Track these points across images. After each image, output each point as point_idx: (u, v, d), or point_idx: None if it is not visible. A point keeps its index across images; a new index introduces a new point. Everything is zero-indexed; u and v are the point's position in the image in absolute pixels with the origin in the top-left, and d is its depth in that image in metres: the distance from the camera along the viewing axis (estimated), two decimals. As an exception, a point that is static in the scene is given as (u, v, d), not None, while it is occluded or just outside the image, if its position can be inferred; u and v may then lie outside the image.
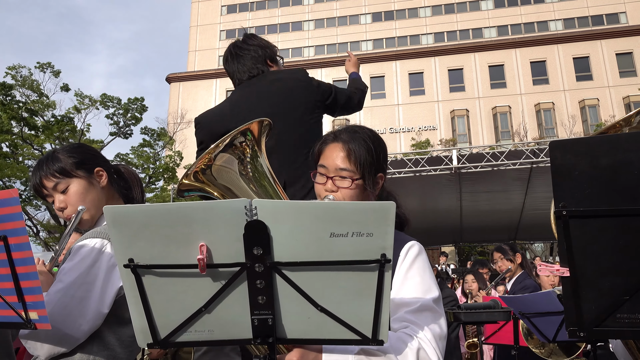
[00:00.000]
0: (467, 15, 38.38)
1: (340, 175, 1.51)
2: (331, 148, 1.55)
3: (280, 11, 40.90)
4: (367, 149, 1.53)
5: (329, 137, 1.59)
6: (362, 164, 1.51)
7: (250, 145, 1.37)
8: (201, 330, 1.05)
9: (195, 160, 1.33)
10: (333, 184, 1.51)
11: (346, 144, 1.53)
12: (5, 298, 1.35)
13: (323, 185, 1.52)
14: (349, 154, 1.51)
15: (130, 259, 0.99)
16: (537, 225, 17.29)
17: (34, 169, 1.83)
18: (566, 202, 1.01)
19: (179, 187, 1.35)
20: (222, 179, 1.33)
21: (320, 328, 1.03)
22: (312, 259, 0.98)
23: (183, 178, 1.32)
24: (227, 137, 1.32)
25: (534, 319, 2.62)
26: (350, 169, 1.50)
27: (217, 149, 1.31)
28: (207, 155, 1.30)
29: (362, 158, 1.51)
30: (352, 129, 1.58)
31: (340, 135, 1.56)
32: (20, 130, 20.51)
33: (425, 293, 1.34)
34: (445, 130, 33.62)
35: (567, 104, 32.78)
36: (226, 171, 1.33)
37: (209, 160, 1.31)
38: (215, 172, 1.32)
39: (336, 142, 1.55)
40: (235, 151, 1.34)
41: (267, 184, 1.40)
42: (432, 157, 14.42)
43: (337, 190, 1.51)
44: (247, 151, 1.37)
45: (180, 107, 34.64)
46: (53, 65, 21.39)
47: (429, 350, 1.22)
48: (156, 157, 23.67)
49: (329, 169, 1.52)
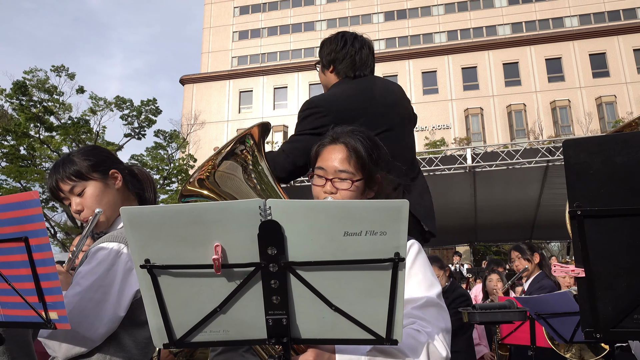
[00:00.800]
0: (481, 13, 38.05)
1: (339, 177, 1.52)
2: (329, 150, 1.56)
3: (293, 12, 40.95)
4: (365, 150, 1.53)
5: (326, 139, 1.60)
6: (361, 166, 1.52)
7: (251, 151, 1.38)
8: (216, 330, 1.06)
9: (199, 167, 1.34)
10: (332, 186, 1.52)
11: (345, 145, 1.54)
12: (26, 298, 1.37)
13: (322, 187, 1.53)
14: (349, 156, 1.52)
15: (147, 259, 1.00)
16: (553, 225, 17.07)
17: (50, 172, 1.85)
18: (581, 202, 1.01)
19: (181, 192, 1.36)
20: (226, 185, 1.35)
21: (334, 328, 1.03)
22: (326, 258, 0.98)
23: (186, 184, 1.33)
24: (231, 143, 1.33)
25: (550, 319, 2.60)
26: (349, 171, 1.51)
27: (219, 156, 1.32)
28: (210, 162, 1.31)
29: (361, 159, 1.52)
30: (350, 131, 1.59)
31: (339, 137, 1.57)
32: (38, 132, 20.83)
33: (429, 289, 1.37)
34: (459, 129, 33.37)
35: (584, 101, 32.32)
36: (230, 177, 1.35)
37: (212, 167, 1.32)
38: (219, 178, 1.33)
39: (334, 144, 1.56)
40: (238, 159, 1.35)
41: (269, 188, 1.42)
42: (446, 156, 14.33)
43: (336, 192, 1.52)
44: (248, 157, 1.38)
45: (194, 108, 34.90)
46: (67, 68, 21.69)
47: (438, 345, 1.24)
48: (170, 158, 23.87)
49: (328, 171, 1.53)
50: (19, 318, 1.43)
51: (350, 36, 2.60)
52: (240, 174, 1.36)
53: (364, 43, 2.59)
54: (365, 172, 1.52)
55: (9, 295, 1.41)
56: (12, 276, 1.38)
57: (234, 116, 36.37)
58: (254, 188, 1.38)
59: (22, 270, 1.36)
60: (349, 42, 2.56)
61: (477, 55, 34.81)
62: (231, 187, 1.36)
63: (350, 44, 2.56)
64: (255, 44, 39.85)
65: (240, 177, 1.36)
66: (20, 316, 1.42)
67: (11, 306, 1.43)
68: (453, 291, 4.67)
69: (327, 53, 2.60)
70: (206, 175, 1.33)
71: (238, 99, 36.72)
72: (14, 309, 1.43)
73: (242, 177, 1.36)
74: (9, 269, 1.38)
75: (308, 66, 34.84)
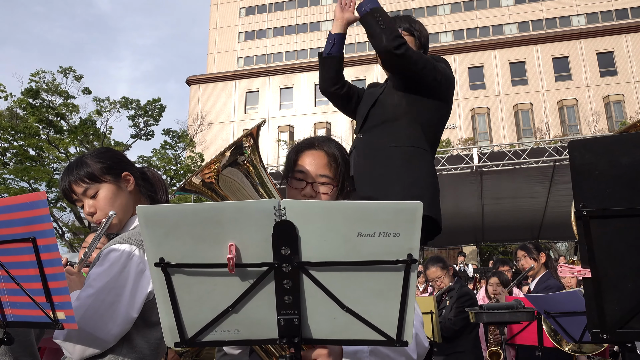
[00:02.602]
0: (487, 12, 37.87)
1: (319, 181, 1.59)
2: (310, 155, 1.63)
3: (299, 12, 40.94)
4: (342, 158, 1.64)
5: (303, 145, 1.68)
6: (340, 172, 1.62)
7: (252, 150, 1.41)
8: (228, 329, 1.06)
9: (205, 163, 1.36)
10: (312, 189, 1.59)
11: (326, 152, 1.63)
12: (34, 298, 1.38)
13: (301, 190, 1.59)
14: (329, 162, 1.61)
15: (161, 257, 1.01)
16: (560, 224, 16.98)
17: (62, 174, 1.86)
18: (587, 202, 1.01)
19: (185, 184, 1.38)
20: (227, 188, 1.37)
21: (345, 329, 1.04)
22: (339, 259, 0.99)
23: (192, 177, 1.35)
24: (233, 144, 1.35)
25: (559, 318, 2.59)
26: (329, 176, 1.60)
27: (223, 158, 1.34)
28: (214, 164, 1.33)
29: (340, 166, 1.62)
30: (327, 139, 1.69)
31: (317, 144, 1.66)
32: (47, 133, 20.97)
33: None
34: (465, 128, 33.24)
35: (591, 100, 32.09)
36: (232, 181, 1.37)
37: (217, 170, 1.34)
38: (222, 180, 1.36)
39: (315, 150, 1.64)
40: (244, 164, 1.37)
41: (270, 189, 1.44)
42: (453, 155, 14.29)
43: (315, 195, 1.59)
44: (255, 157, 1.40)
45: (200, 109, 34.97)
46: (75, 69, 21.83)
47: (422, 335, 1.35)
48: (177, 159, 23.96)
49: (308, 175, 1.60)
50: (28, 318, 1.44)
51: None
52: (243, 177, 1.39)
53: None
54: (340, 179, 1.62)
55: (17, 296, 1.42)
56: (21, 276, 1.39)
57: (240, 116, 36.42)
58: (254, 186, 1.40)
59: (30, 271, 1.37)
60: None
61: (484, 54, 34.66)
62: (235, 187, 1.38)
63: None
64: (261, 44, 39.87)
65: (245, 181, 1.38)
66: (29, 316, 1.43)
67: (20, 306, 1.44)
68: (458, 290, 4.66)
69: (424, 37, 2.74)
70: (211, 175, 1.35)
71: (244, 100, 36.76)
72: (22, 309, 1.44)
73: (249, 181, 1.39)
74: (17, 269, 1.39)
75: (314, 66, 34.77)
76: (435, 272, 4.80)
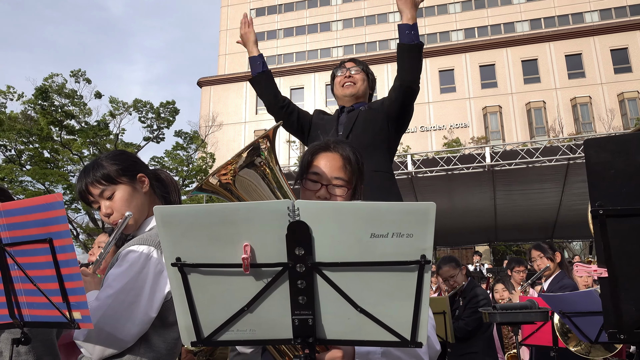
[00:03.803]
0: (499, 10, 37.59)
1: (334, 183, 1.59)
2: (325, 157, 1.63)
3: (308, 12, 40.99)
4: (356, 160, 1.63)
5: (318, 147, 1.67)
6: (355, 174, 1.61)
7: (269, 152, 1.41)
8: (243, 329, 1.07)
9: (222, 164, 1.37)
10: (326, 191, 1.58)
11: (341, 154, 1.62)
12: (51, 298, 1.40)
13: (315, 192, 1.59)
14: (344, 164, 1.60)
15: (178, 257, 1.02)
16: (575, 223, 16.81)
17: (79, 176, 1.89)
18: (603, 201, 1.01)
19: (202, 184, 1.39)
20: (243, 189, 1.38)
21: (359, 329, 1.04)
22: (352, 259, 0.99)
23: (209, 177, 1.36)
24: (250, 146, 1.36)
25: (574, 318, 2.57)
26: (344, 178, 1.59)
27: (240, 159, 1.35)
28: (231, 165, 1.34)
29: (355, 169, 1.61)
30: (341, 141, 1.68)
31: (332, 146, 1.65)
32: (60, 136, 21.23)
33: None
34: (477, 127, 33.02)
35: (605, 98, 31.70)
36: (248, 182, 1.38)
37: (234, 171, 1.35)
38: (238, 181, 1.36)
39: (330, 152, 1.63)
40: (260, 165, 1.38)
41: (287, 191, 1.44)
42: (465, 155, 14.21)
43: (330, 197, 1.58)
44: (272, 159, 1.41)
45: (211, 110, 35.14)
46: (84, 72, 22.04)
47: (433, 338, 1.34)
48: (189, 160, 24.12)
49: (323, 177, 1.59)
50: (44, 318, 1.46)
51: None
52: (260, 179, 1.39)
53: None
54: (354, 181, 1.61)
55: (34, 296, 1.44)
56: (38, 277, 1.41)
57: (251, 117, 36.55)
58: (270, 188, 1.41)
59: (46, 271, 1.39)
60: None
61: (495, 52, 34.40)
62: (248, 187, 1.39)
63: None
64: (271, 45, 39.97)
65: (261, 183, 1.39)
66: (46, 316, 1.45)
67: (37, 306, 1.46)
68: (471, 290, 4.63)
69: (373, 80, 2.99)
70: (227, 176, 1.36)
71: (255, 101, 36.87)
72: (39, 309, 1.46)
73: (265, 182, 1.40)
74: (34, 270, 1.41)
75: (324, 67, 34.84)
76: (449, 271, 4.78)
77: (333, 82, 3.00)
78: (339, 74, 2.93)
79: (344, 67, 2.92)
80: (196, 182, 23.15)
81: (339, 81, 2.92)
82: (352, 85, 2.87)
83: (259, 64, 3.00)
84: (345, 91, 2.87)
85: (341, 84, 2.90)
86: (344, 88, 2.88)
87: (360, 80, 2.88)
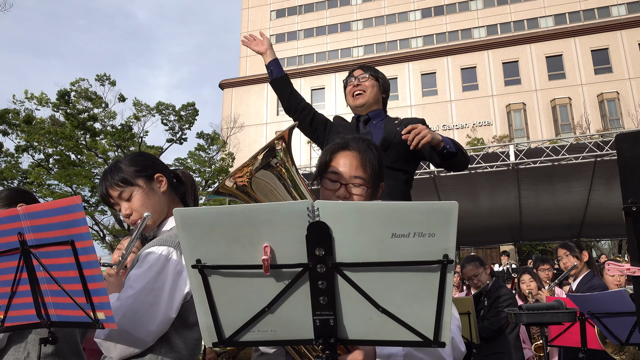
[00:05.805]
0: (522, 6, 37.01)
1: (353, 182, 1.57)
2: (344, 156, 1.61)
3: (329, 12, 41.02)
4: (376, 159, 1.60)
5: (337, 146, 1.64)
6: (374, 173, 1.59)
7: (284, 152, 1.41)
8: (264, 330, 1.07)
9: (238, 167, 1.37)
10: (346, 191, 1.56)
11: (360, 153, 1.60)
12: (75, 299, 1.43)
13: (334, 191, 1.57)
14: (364, 163, 1.58)
15: (198, 259, 1.02)
16: (603, 222, 16.42)
17: (100, 180, 1.93)
18: (636, 198, 0.97)
19: (219, 188, 1.39)
20: (260, 190, 1.37)
21: (381, 329, 1.03)
22: (373, 259, 0.98)
23: (226, 180, 1.36)
24: (266, 147, 1.36)
25: (604, 319, 2.50)
26: (364, 177, 1.57)
27: (255, 161, 1.35)
28: (247, 167, 1.34)
29: (374, 167, 1.59)
30: (361, 139, 1.65)
31: (352, 144, 1.62)
32: (84, 138, 21.71)
33: None
34: (501, 125, 32.56)
35: (634, 93, 30.89)
36: (264, 184, 1.38)
37: (250, 173, 1.35)
38: (255, 183, 1.36)
39: (349, 151, 1.61)
40: (276, 166, 1.38)
41: (303, 191, 1.43)
42: (488, 153, 14.00)
43: (349, 196, 1.56)
44: (287, 159, 1.41)
45: (233, 111, 35.47)
46: (109, 75, 22.52)
47: (458, 339, 1.32)
48: (211, 161, 24.40)
49: (342, 176, 1.57)
50: (70, 318, 1.49)
51: None
52: (276, 180, 1.39)
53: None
54: (374, 180, 1.59)
55: (59, 297, 1.47)
56: (62, 278, 1.44)
57: (272, 119, 36.76)
58: (287, 188, 1.41)
59: (70, 272, 1.41)
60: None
61: (519, 49, 33.88)
62: (265, 188, 1.39)
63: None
64: (292, 46, 40.14)
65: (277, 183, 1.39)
66: (71, 316, 1.48)
67: (62, 307, 1.49)
68: (496, 290, 4.56)
69: (387, 84, 2.97)
70: (243, 178, 1.36)
71: (276, 102, 37.03)
72: (65, 310, 1.49)
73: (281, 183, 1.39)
74: (58, 271, 1.44)
75: (345, 67, 34.79)
76: (472, 270, 4.72)
77: (345, 92, 3.01)
78: (349, 84, 2.94)
79: (352, 77, 2.92)
80: (217, 183, 23.39)
81: (349, 91, 2.92)
82: (361, 94, 2.85)
83: (271, 71, 3.11)
84: (356, 102, 2.87)
85: (351, 93, 2.90)
86: (354, 99, 2.88)
87: (369, 87, 2.86)
